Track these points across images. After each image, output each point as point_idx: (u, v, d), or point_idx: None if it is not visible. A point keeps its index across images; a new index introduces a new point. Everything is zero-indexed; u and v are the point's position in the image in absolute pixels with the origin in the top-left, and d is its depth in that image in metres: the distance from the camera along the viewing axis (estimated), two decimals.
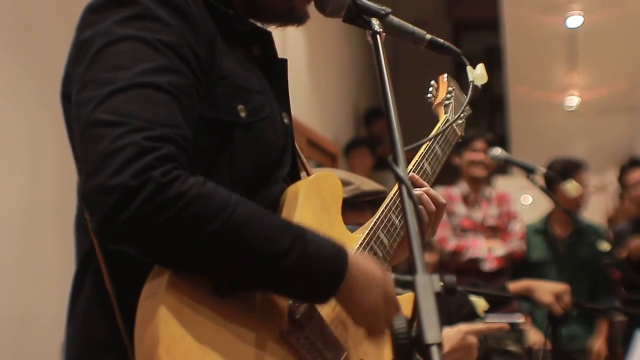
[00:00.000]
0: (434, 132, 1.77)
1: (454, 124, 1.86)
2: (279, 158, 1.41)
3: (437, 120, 1.88)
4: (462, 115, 1.92)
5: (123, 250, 1.17)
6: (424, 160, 1.72)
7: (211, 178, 1.20)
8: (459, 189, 4.72)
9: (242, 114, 1.32)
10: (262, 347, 1.25)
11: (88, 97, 1.17)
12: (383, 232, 1.55)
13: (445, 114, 1.87)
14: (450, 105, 1.88)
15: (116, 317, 1.25)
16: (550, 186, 4.42)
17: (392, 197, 1.61)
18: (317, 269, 1.24)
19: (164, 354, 1.12)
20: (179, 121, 1.18)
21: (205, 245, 1.14)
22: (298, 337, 1.30)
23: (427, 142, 1.75)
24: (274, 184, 1.39)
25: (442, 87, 1.91)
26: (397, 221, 1.59)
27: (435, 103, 1.90)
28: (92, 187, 1.11)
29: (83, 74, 1.21)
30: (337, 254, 1.27)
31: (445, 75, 1.92)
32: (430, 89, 1.89)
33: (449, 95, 1.90)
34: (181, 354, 1.14)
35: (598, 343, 4.65)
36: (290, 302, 1.32)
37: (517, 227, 4.68)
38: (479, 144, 4.50)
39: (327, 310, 1.39)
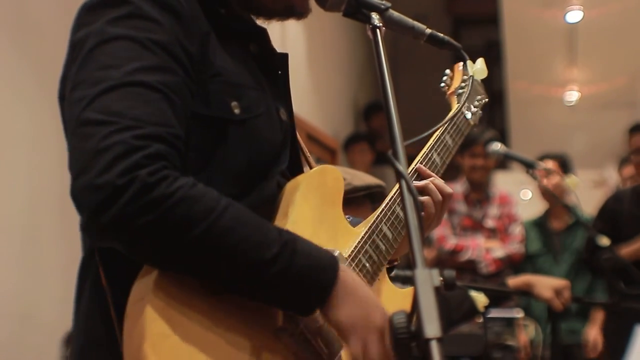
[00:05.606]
0: (445, 120, 1.75)
1: (466, 113, 1.82)
2: (276, 154, 1.41)
3: (441, 113, 1.85)
4: (477, 103, 1.89)
5: (116, 249, 1.17)
6: (433, 151, 1.69)
7: (205, 175, 1.21)
8: (461, 186, 4.72)
9: (236, 111, 1.32)
10: (254, 345, 1.25)
11: (79, 97, 1.18)
12: (387, 225, 1.54)
13: (457, 103, 1.83)
14: (464, 95, 1.85)
15: (112, 317, 1.25)
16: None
17: (397, 190, 1.59)
18: (304, 280, 1.22)
19: (150, 352, 1.12)
20: (169, 119, 1.18)
21: (190, 248, 1.14)
22: (292, 333, 1.29)
23: (437, 133, 1.72)
24: (270, 180, 1.38)
25: (457, 76, 1.87)
26: (402, 214, 1.56)
27: (449, 92, 1.86)
28: (80, 185, 1.12)
29: (75, 74, 1.22)
30: (327, 266, 1.25)
31: (461, 63, 1.85)
32: (445, 77, 1.86)
33: (463, 84, 1.85)
34: (167, 352, 1.14)
35: (593, 333, 4.66)
36: None
37: (517, 230, 4.70)
38: (478, 148, 4.51)
39: None
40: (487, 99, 1.91)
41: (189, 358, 1.16)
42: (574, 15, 7.08)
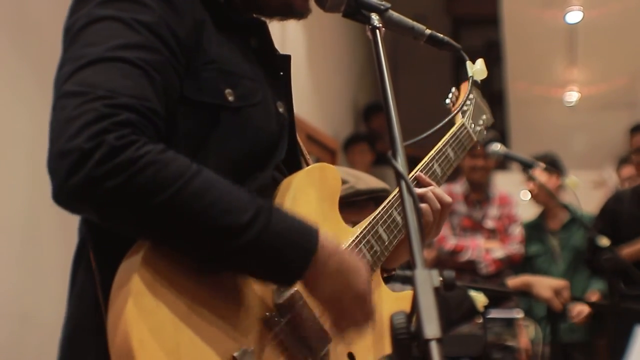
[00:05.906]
0: (447, 136, 1.78)
1: (470, 130, 1.85)
2: (273, 145, 1.41)
3: (450, 124, 1.86)
4: (482, 122, 1.92)
5: (107, 230, 1.18)
6: (434, 161, 1.71)
7: (198, 162, 1.19)
8: (461, 186, 4.73)
9: (230, 98, 1.32)
10: (240, 330, 1.24)
11: (62, 74, 1.20)
12: (382, 228, 1.54)
13: (462, 118, 1.86)
14: (468, 111, 1.87)
15: (100, 302, 1.25)
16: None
17: (395, 194, 1.60)
18: (281, 246, 1.21)
19: (133, 327, 1.12)
20: (146, 94, 1.19)
21: (158, 212, 1.13)
22: (279, 322, 1.29)
23: (438, 145, 1.76)
24: (265, 172, 1.38)
25: (462, 95, 1.89)
26: (398, 218, 1.57)
27: (454, 109, 1.88)
28: (52, 154, 1.14)
29: (63, 55, 1.25)
30: (305, 232, 1.24)
31: (468, 82, 1.90)
32: (450, 95, 1.88)
33: (468, 102, 1.89)
34: (152, 327, 1.13)
35: (582, 305, 4.67)
36: (275, 287, 1.31)
37: (516, 231, 4.70)
38: (478, 149, 4.51)
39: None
40: (492, 121, 1.94)
41: (174, 337, 1.15)
42: (574, 16, 7.08)
